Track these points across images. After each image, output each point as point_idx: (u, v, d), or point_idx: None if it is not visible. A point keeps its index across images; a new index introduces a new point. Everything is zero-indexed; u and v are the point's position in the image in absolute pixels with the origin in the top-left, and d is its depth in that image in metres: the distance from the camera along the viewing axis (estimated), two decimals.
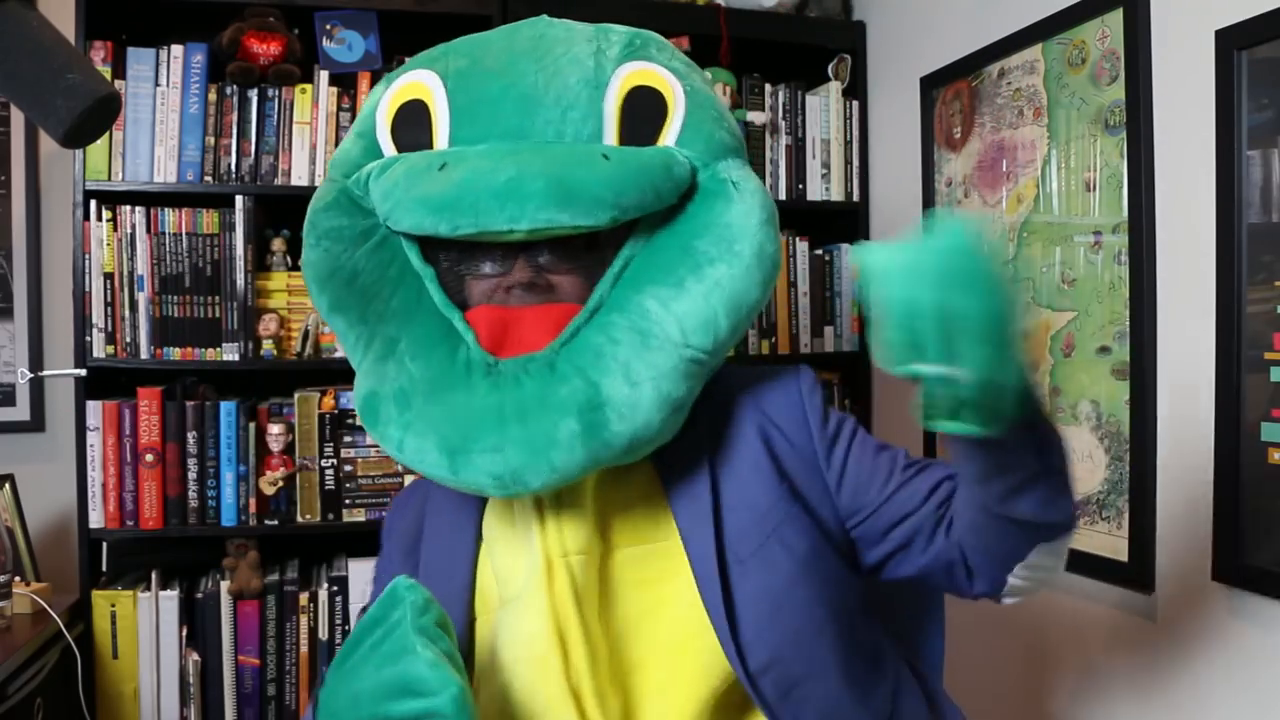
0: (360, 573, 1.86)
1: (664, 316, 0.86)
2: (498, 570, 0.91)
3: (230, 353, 1.84)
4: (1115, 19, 1.46)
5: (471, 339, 0.87)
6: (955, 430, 0.72)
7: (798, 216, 2.19)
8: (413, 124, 0.92)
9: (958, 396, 0.70)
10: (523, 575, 0.88)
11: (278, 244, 1.93)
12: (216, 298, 1.84)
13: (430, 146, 0.91)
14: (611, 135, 0.89)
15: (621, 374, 0.83)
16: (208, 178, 1.86)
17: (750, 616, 0.85)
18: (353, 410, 1.88)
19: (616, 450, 0.83)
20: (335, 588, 1.87)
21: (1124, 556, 1.45)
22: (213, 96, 1.86)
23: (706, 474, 0.90)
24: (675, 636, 0.86)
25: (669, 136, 0.91)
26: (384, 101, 0.94)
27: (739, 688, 0.85)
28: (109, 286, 1.82)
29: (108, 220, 1.81)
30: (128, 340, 1.82)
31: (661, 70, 0.92)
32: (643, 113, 0.90)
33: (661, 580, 0.88)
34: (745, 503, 0.89)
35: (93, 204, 1.80)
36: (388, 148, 0.93)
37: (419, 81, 0.92)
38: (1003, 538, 0.85)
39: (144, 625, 1.81)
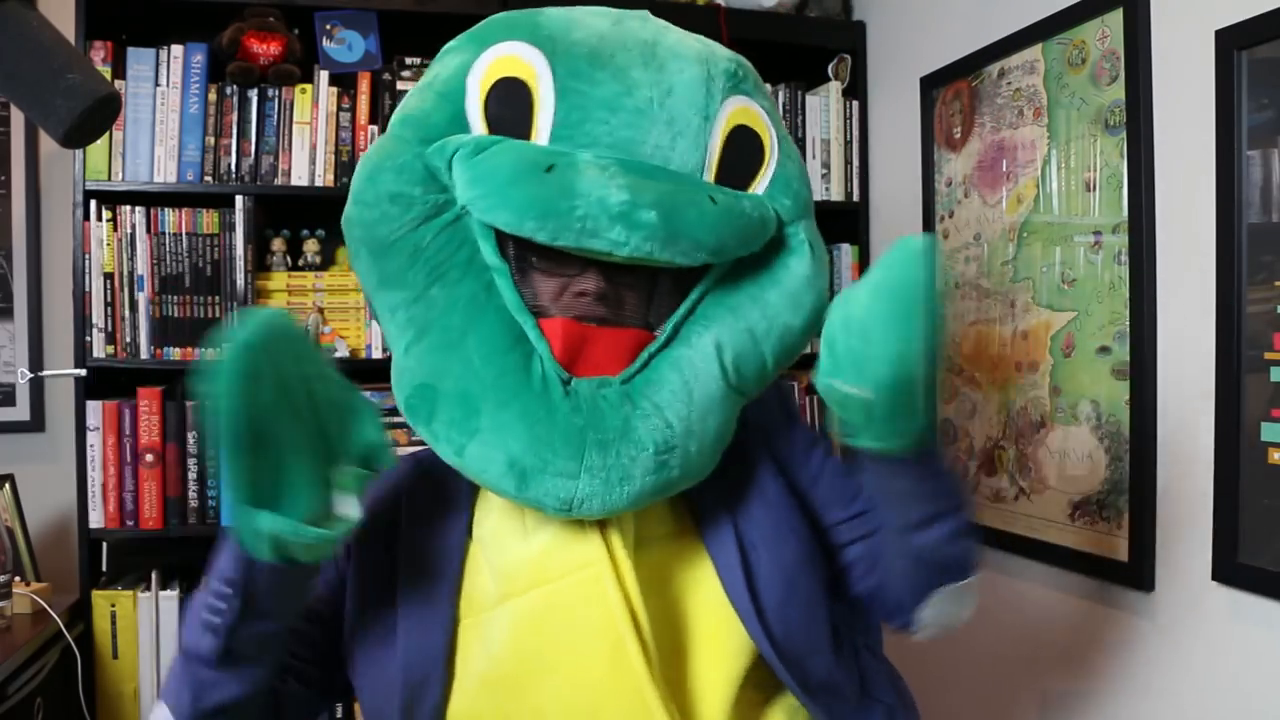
0: None
1: (726, 358, 0.88)
2: (499, 568, 0.89)
3: None
4: (1115, 19, 1.46)
5: (546, 351, 0.83)
6: (860, 444, 0.81)
7: None
8: (511, 104, 0.85)
9: (868, 414, 0.78)
10: (560, 567, 0.87)
11: (278, 244, 1.93)
12: (216, 298, 1.84)
13: (528, 133, 0.85)
14: (711, 170, 0.88)
15: (692, 414, 0.85)
16: (208, 178, 1.86)
17: (770, 596, 0.88)
18: None
19: (677, 486, 0.86)
20: None
21: (1124, 556, 1.45)
22: (213, 96, 1.86)
23: (721, 470, 0.92)
24: (703, 624, 0.89)
25: (761, 183, 0.91)
26: (478, 68, 0.86)
27: (761, 667, 0.89)
28: (109, 286, 1.82)
29: (108, 220, 1.81)
30: (128, 340, 1.82)
31: (761, 112, 0.92)
32: (743, 155, 0.90)
33: (685, 570, 0.91)
34: (756, 493, 0.93)
35: (93, 204, 1.80)
36: (477, 123, 0.86)
37: (522, 58, 0.85)
38: (910, 570, 0.91)
39: (144, 625, 1.81)
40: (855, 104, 2.17)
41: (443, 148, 0.85)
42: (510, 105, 0.85)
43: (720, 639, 0.88)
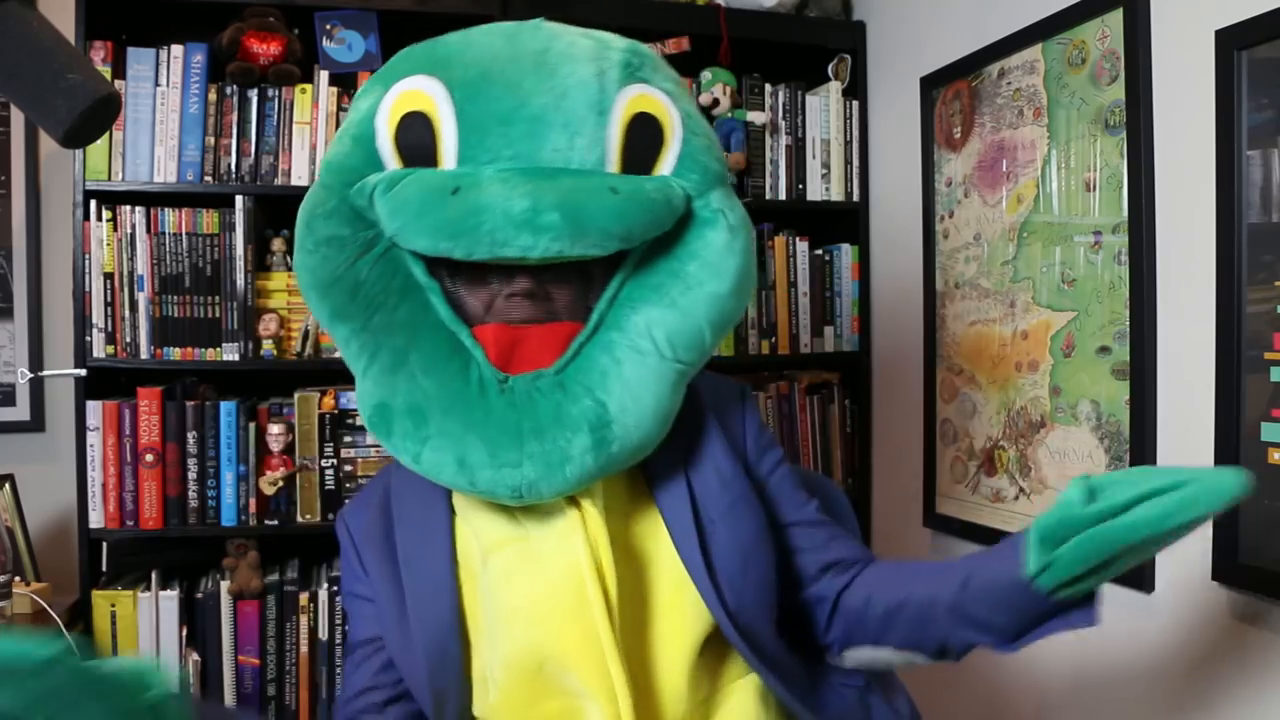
0: None
1: (657, 334, 0.92)
2: (479, 531, 0.96)
3: (230, 353, 1.84)
4: (1115, 19, 1.46)
5: (481, 356, 0.90)
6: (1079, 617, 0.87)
7: (798, 216, 2.19)
8: (417, 135, 0.91)
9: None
10: (534, 525, 0.93)
11: (278, 244, 1.93)
12: (216, 298, 1.84)
13: (435, 160, 0.91)
14: (614, 162, 0.92)
15: (625, 391, 0.90)
16: (208, 178, 1.86)
17: (725, 568, 0.93)
18: (353, 410, 1.88)
19: (622, 461, 0.90)
20: (335, 588, 1.87)
21: None
22: (213, 96, 1.86)
23: (679, 448, 0.97)
24: (661, 593, 0.93)
25: (666, 164, 0.95)
26: (384, 108, 0.93)
27: (719, 639, 0.93)
28: (109, 286, 1.82)
29: (108, 220, 1.81)
30: (128, 340, 1.82)
31: (659, 95, 0.95)
32: (643, 141, 0.93)
33: (645, 541, 0.95)
34: (712, 470, 0.97)
35: (93, 204, 1.80)
36: (390, 159, 0.92)
37: (423, 91, 0.91)
38: (912, 630, 0.94)
39: (144, 625, 1.81)
40: (855, 104, 2.17)
41: (362, 188, 0.91)
42: (416, 136, 0.91)
43: (678, 608, 0.93)
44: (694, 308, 0.92)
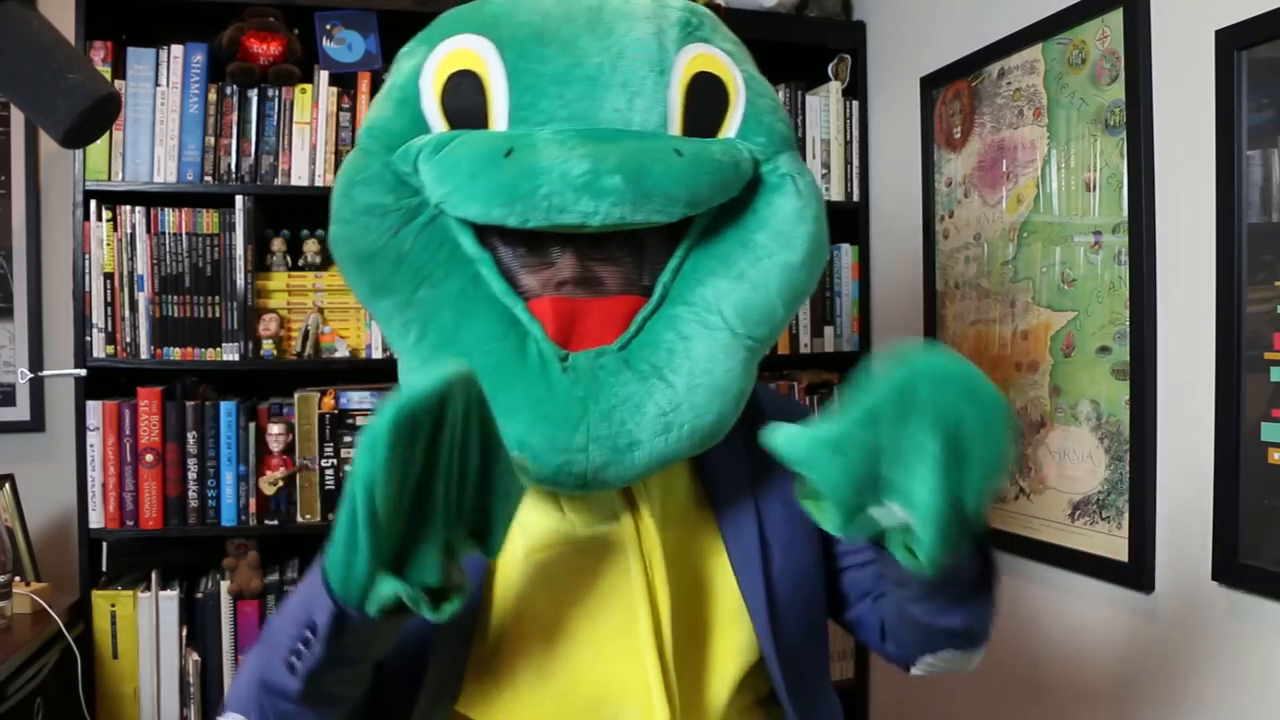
0: None
1: (726, 308, 0.86)
2: (527, 525, 0.88)
3: (230, 353, 1.84)
4: (1115, 19, 1.46)
5: (539, 331, 0.83)
6: (910, 565, 0.72)
7: None
8: (466, 97, 0.85)
9: (911, 535, 0.71)
10: (585, 530, 0.87)
11: (278, 244, 1.93)
12: (216, 298, 1.84)
13: (486, 122, 0.85)
14: (676, 124, 0.86)
15: (694, 369, 0.84)
16: (208, 178, 1.86)
17: (782, 598, 0.88)
18: (353, 410, 1.88)
19: (694, 445, 0.85)
20: None
21: (1124, 556, 1.45)
22: (213, 96, 1.86)
23: (743, 459, 0.91)
24: (715, 615, 0.88)
25: (731, 126, 0.89)
26: (429, 68, 0.87)
27: (757, 675, 0.88)
28: (109, 286, 1.82)
29: (108, 220, 1.81)
30: (128, 340, 1.82)
31: (721, 55, 0.90)
32: (707, 101, 0.88)
33: (703, 557, 0.90)
34: (777, 490, 0.91)
35: (93, 204, 1.80)
36: (437, 122, 0.86)
37: (471, 50, 0.85)
38: (919, 633, 0.90)
39: (144, 625, 1.81)
40: (855, 104, 2.17)
41: (406, 152, 0.85)
42: (465, 98, 0.85)
43: (729, 633, 0.88)
44: (764, 279, 0.87)
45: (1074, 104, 1.55)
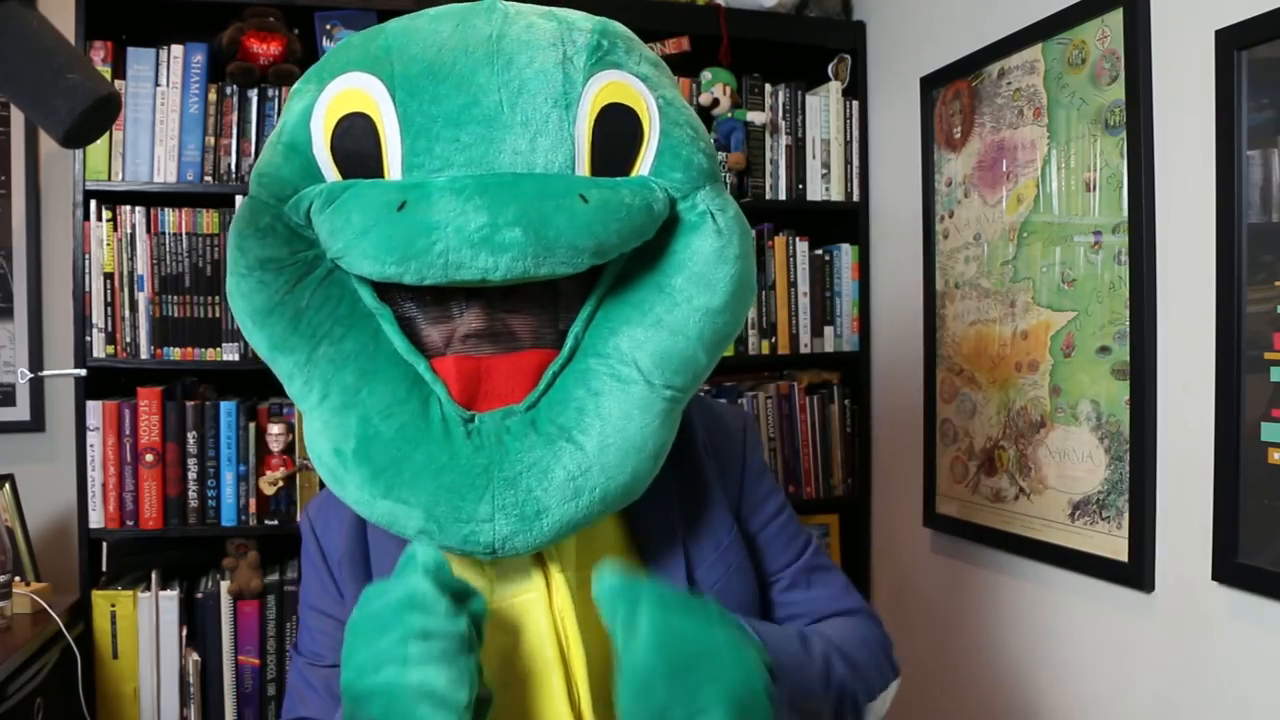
0: None
1: (642, 358, 0.81)
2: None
3: (230, 353, 1.84)
4: (1115, 19, 1.46)
5: (443, 392, 0.80)
6: None
7: (797, 216, 2.19)
8: (357, 141, 0.80)
9: None
10: (506, 588, 0.85)
11: None
12: (216, 298, 1.84)
13: (380, 168, 0.80)
14: (584, 163, 0.81)
15: (605, 428, 0.79)
16: (208, 178, 1.86)
17: None
18: None
19: (606, 508, 0.81)
20: None
21: (1124, 556, 1.45)
22: (213, 96, 1.86)
23: (672, 502, 0.88)
24: None
25: (645, 162, 0.83)
26: (319, 110, 0.82)
27: None
28: (109, 286, 1.82)
29: (108, 220, 1.81)
30: (128, 340, 1.82)
31: (633, 82, 0.83)
32: (617, 136, 0.82)
33: None
34: (708, 533, 0.89)
35: (93, 204, 1.80)
36: (328, 168, 0.81)
37: (361, 90, 0.80)
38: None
39: (144, 625, 1.81)
40: (855, 104, 2.17)
41: (297, 203, 0.81)
42: (356, 142, 0.80)
43: None
44: (683, 326, 0.81)
45: (1074, 104, 1.55)
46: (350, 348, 0.81)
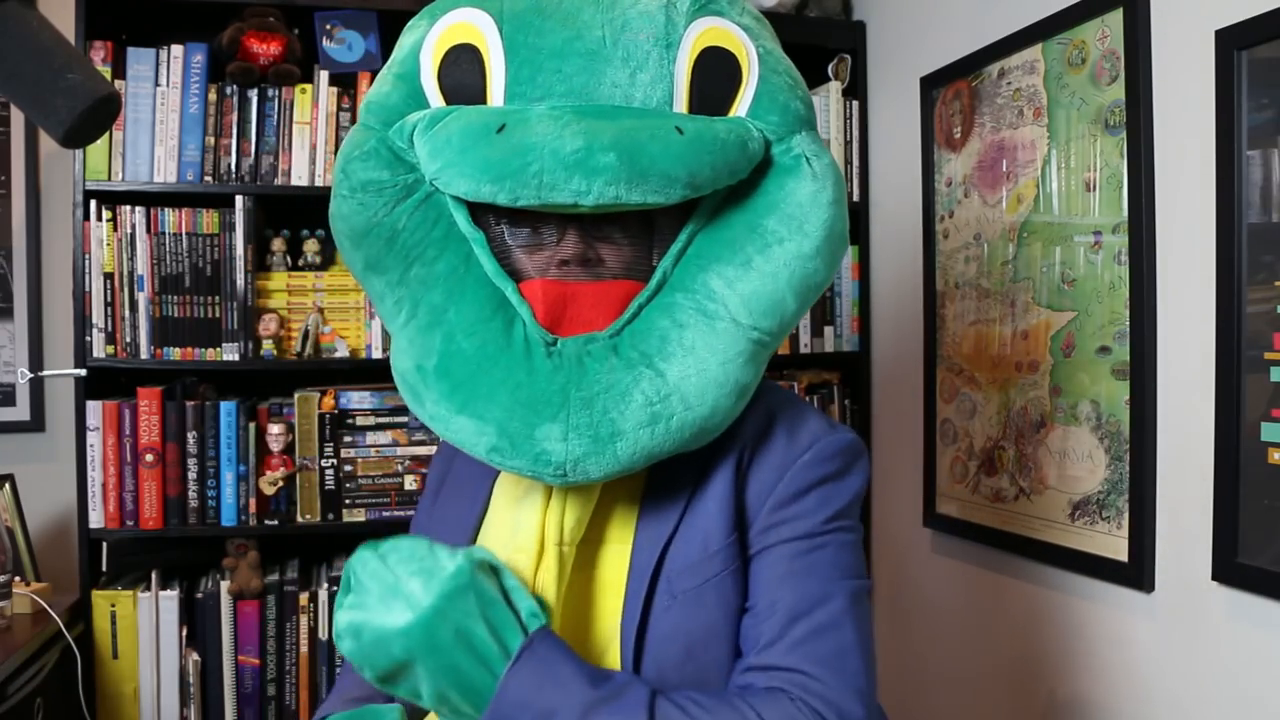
0: None
1: (730, 297, 0.82)
2: (489, 545, 0.87)
3: (230, 353, 1.84)
4: (1115, 19, 1.46)
5: (528, 314, 0.81)
6: None
7: None
8: (463, 70, 0.83)
9: None
10: (505, 554, 0.84)
11: (278, 244, 1.93)
12: (216, 298, 1.84)
13: (483, 97, 0.83)
14: (682, 101, 0.83)
15: (689, 358, 0.80)
16: (208, 178, 1.86)
17: (656, 655, 0.82)
18: (353, 410, 1.88)
19: (682, 440, 0.81)
20: (335, 588, 1.87)
21: (1124, 556, 1.45)
22: (213, 96, 1.86)
23: (685, 490, 0.86)
24: (597, 646, 0.85)
25: (742, 105, 0.85)
26: (429, 42, 0.85)
27: None
28: (109, 286, 1.82)
29: (108, 220, 1.81)
30: (128, 340, 1.82)
31: (734, 29, 0.85)
32: (716, 78, 0.84)
33: (602, 594, 0.86)
34: (700, 537, 0.84)
35: (93, 204, 1.81)
36: (434, 96, 0.85)
37: (469, 23, 0.83)
38: None
39: (144, 625, 1.81)
40: (855, 104, 2.17)
41: (402, 127, 0.84)
42: (462, 72, 0.84)
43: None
44: (773, 268, 0.82)
45: (1074, 104, 1.55)
46: (441, 269, 0.83)
